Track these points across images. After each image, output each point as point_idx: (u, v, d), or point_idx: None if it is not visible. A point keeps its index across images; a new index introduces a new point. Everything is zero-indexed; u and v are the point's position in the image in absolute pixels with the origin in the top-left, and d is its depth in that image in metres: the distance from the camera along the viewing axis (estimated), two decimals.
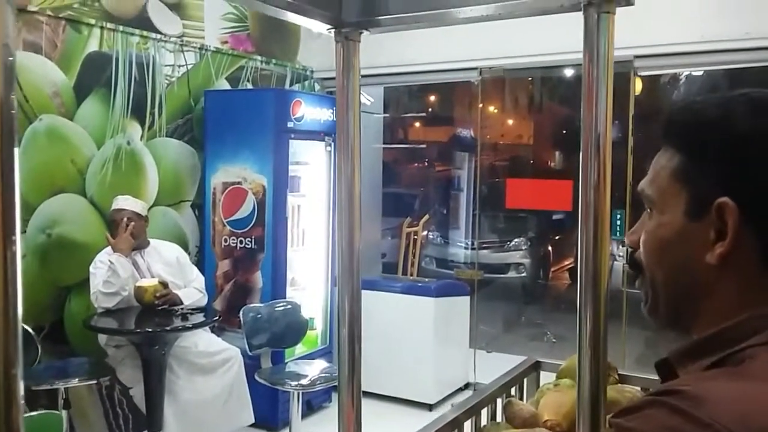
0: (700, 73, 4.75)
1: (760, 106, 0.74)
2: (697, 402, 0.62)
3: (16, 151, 0.66)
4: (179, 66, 4.55)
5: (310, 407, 4.61)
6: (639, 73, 4.57)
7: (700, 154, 0.75)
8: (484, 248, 8.68)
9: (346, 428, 1.38)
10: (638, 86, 4.68)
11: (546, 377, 2.29)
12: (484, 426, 2.09)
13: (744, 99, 0.75)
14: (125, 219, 3.72)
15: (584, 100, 1.23)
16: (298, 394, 3.67)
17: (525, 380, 2.32)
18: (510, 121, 12.59)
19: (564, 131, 12.02)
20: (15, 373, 0.63)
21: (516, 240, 9.14)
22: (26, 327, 3.43)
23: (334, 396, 4.48)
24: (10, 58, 0.66)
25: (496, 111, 11.43)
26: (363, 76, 1.44)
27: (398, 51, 4.96)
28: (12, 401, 0.63)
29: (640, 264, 0.82)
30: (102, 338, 3.73)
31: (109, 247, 3.68)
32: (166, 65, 4.44)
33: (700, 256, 0.73)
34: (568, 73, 5.74)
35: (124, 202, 3.82)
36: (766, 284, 0.72)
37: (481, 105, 5.71)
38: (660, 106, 8.67)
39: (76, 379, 3.47)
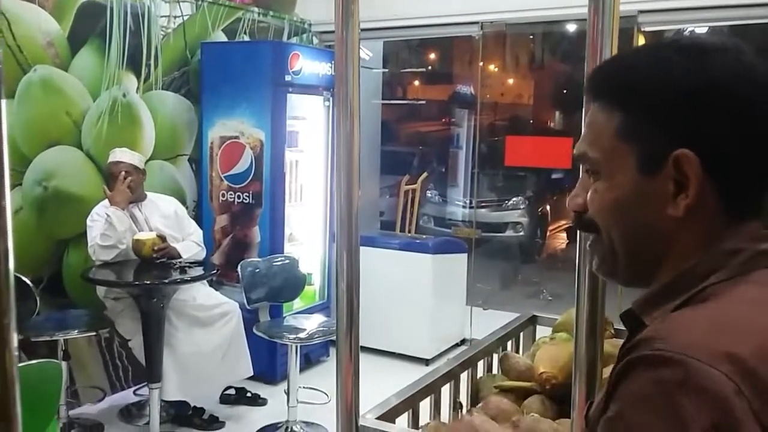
0: (705, 29, 4.65)
1: (694, 53, 0.72)
2: (666, 340, 0.64)
3: (3, 102, 0.65)
4: (175, 17, 4.45)
5: (308, 361, 4.67)
6: (643, 29, 4.49)
7: (643, 110, 0.73)
8: (483, 207, 8.66)
9: (345, 381, 1.39)
10: (641, 43, 4.60)
11: (542, 331, 2.31)
12: (480, 378, 2.12)
13: (675, 47, 0.74)
14: (123, 172, 3.70)
15: (588, 53, 1.20)
16: (296, 347, 3.70)
17: (521, 334, 2.34)
18: (510, 81, 12.44)
19: (564, 91, 11.89)
20: (7, 323, 0.64)
21: (514, 199, 9.11)
22: (24, 279, 3.44)
23: (332, 350, 4.53)
24: None
25: (496, 69, 11.28)
26: (362, 30, 1.40)
27: (398, 3, 4.87)
28: (5, 350, 0.63)
29: (594, 225, 0.80)
30: (100, 290, 3.75)
31: (107, 200, 3.66)
32: (162, 16, 4.35)
33: (660, 210, 0.73)
34: (571, 28, 5.64)
35: (121, 155, 3.79)
36: (728, 229, 0.73)
37: (481, 63, 5.62)
38: None
39: (75, 331, 3.50)
